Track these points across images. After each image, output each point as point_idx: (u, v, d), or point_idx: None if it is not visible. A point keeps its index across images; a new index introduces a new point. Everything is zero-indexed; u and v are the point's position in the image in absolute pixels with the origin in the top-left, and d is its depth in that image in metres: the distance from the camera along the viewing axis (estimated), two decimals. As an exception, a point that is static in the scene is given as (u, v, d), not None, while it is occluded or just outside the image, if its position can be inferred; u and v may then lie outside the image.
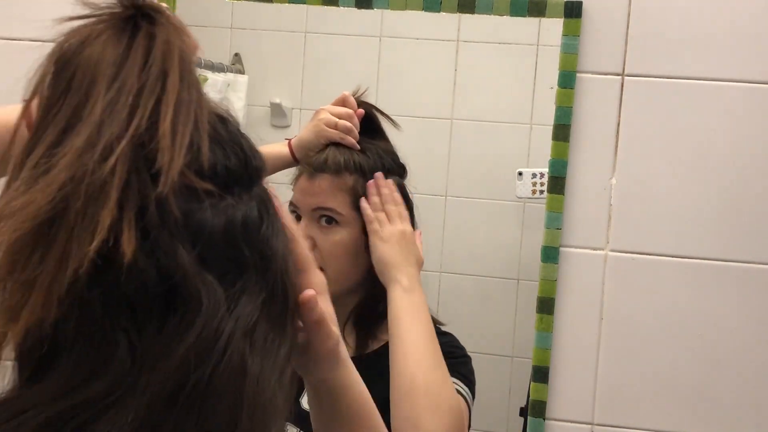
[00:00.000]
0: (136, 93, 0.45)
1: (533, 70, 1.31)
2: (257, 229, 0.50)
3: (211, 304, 0.45)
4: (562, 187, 1.24)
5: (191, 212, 0.46)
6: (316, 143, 1.16)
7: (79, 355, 0.45)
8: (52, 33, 0.51)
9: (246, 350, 0.47)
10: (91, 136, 0.44)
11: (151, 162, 0.44)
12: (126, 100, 0.45)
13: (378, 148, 1.17)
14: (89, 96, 0.45)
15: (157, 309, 0.45)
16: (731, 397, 1.24)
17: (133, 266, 0.43)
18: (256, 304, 0.48)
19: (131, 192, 0.43)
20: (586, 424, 1.27)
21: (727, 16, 1.20)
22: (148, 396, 0.44)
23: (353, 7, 1.27)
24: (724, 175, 1.22)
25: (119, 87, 0.45)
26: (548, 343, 1.26)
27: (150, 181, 0.44)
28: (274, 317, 0.51)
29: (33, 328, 0.44)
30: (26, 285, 0.43)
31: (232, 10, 1.33)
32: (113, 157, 0.43)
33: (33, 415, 0.43)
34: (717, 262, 1.23)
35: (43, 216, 0.43)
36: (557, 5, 1.22)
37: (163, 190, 0.44)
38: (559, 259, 1.25)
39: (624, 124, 1.23)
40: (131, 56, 0.46)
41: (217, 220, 0.47)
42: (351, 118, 1.16)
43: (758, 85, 1.21)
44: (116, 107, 0.44)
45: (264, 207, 0.51)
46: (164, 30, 0.48)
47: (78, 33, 0.49)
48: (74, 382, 0.44)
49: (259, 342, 0.48)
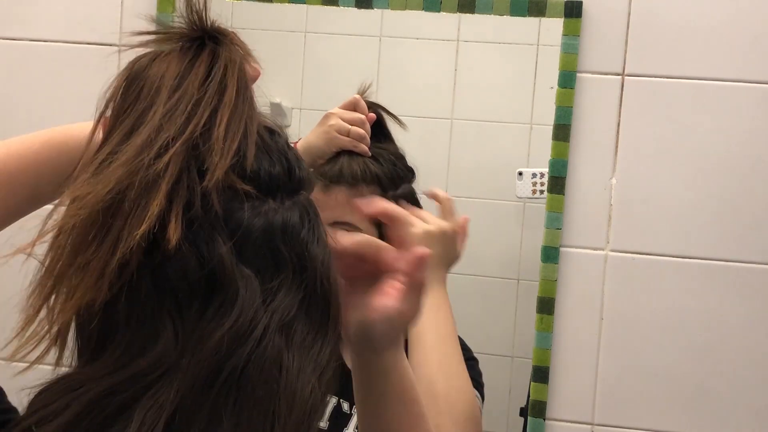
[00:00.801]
0: (194, 102, 0.50)
1: (533, 70, 1.31)
2: (297, 233, 0.53)
3: (247, 294, 0.49)
4: (562, 187, 1.24)
5: (232, 210, 0.50)
6: (327, 151, 1.12)
7: (129, 335, 0.49)
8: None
9: (282, 345, 0.50)
10: (150, 137, 0.49)
11: (201, 162, 0.49)
12: (185, 108, 0.50)
13: (389, 154, 1.14)
14: (153, 103, 0.50)
15: (198, 295, 0.49)
16: (731, 397, 1.24)
17: (176, 253, 0.47)
18: (293, 302, 0.52)
19: (181, 187, 0.48)
20: (586, 424, 1.27)
21: (727, 16, 1.20)
22: (189, 378, 0.47)
23: (353, 7, 1.27)
24: (724, 175, 1.22)
25: (180, 96, 0.50)
26: (548, 343, 1.26)
27: (198, 178, 0.49)
28: (314, 318, 0.54)
29: (86, 308, 0.47)
30: (83, 268, 0.47)
31: (232, 10, 1.33)
32: (167, 155, 0.48)
33: (86, 390, 0.47)
34: (717, 262, 1.23)
35: (102, 204, 0.47)
36: (557, 5, 1.22)
37: (207, 186, 0.48)
38: (559, 259, 1.25)
39: (624, 124, 1.23)
40: (194, 70, 0.51)
41: (257, 220, 0.51)
42: (363, 124, 1.11)
43: (758, 85, 1.21)
44: (175, 113, 0.50)
45: (306, 215, 0.55)
46: (228, 49, 0.53)
47: (148, 53, 0.54)
48: (124, 360, 0.48)
49: (298, 340, 0.51)
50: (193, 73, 0.51)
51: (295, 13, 1.32)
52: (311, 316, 0.54)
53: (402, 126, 1.18)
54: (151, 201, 0.47)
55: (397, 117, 1.18)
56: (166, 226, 0.47)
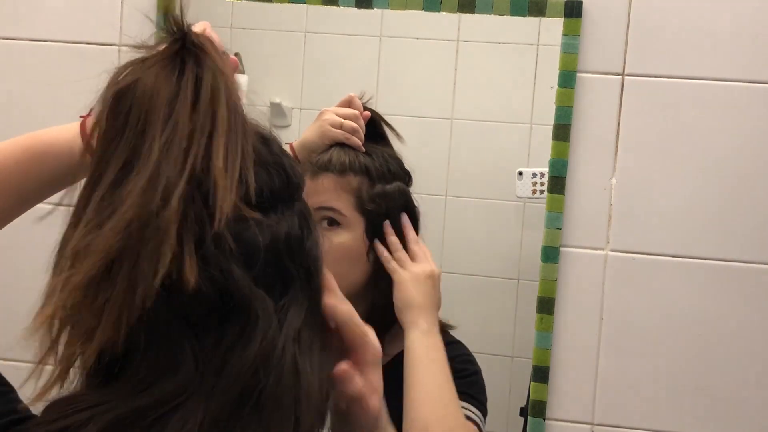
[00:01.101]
0: (189, 133, 0.49)
1: (533, 70, 1.31)
2: (300, 243, 0.54)
3: (265, 317, 0.50)
4: (562, 187, 1.24)
5: (241, 234, 0.50)
6: (320, 144, 1.14)
7: (149, 360, 0.50)
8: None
9: (296, 353, 0.52)
10: (152, 178, 0.48)
11: (205, 196, 0.49)
12: (180, 141, 0.49)
13: (384, 152, 1.16)
14: (145, 135, 0.49)
15: (215, 320, 0.50)
16: (731, 397, 1.24)
17: (197, 291, 0.48)
18: (301, 312, 0.53)
19: (189, 226, 0.48)
20: (586, 424, 1.27)
21: (728, 16, 1.20)
22: (217, 401, 0.48)
23: (353, 7, 1.27)
24: (725, 175, 1.22)
25: (173, 127, 0.49)
26: (548, 343, 1.26)
27: (206, 214, 0.49)
28: (316, 319, 0.56)
29: (106, 347, 0.48)
30: (98, 311, 0.48)
31: (232, 10, 1.33)
32: (174, 199, 0.48)
33: (105, 409, 0.48)
34: (717, 262, 1.23)
35: (113, 254, 0.47)
36: (557, 5, 1.22)
37: (218, 225, 0.49)
38: (559, 259, 1.25)
39: (624, 124, 1.23)
40: (181, 94, 0.50)
41: (263, 238, 0.51)
42: (357, 119, 1.14)
43: (758, 85, 1.21)
44: (172, 148, 0.49)
45: (304, 220, 0.56)
46: (209, 63, 0.52)
47: (130, 68, 0.53)
48: (145, 384, 0.49)
49: (306, 344, 0.53)
50: (181, 97, 0.50)
51: (295, 13, 1.32)
52: (315, 318, 0.55)
53: (399, 138, 1.19)
54: (164, 245, 0.47)
55: (394, 128, 1.19)
56: (182, 268, 0.47)
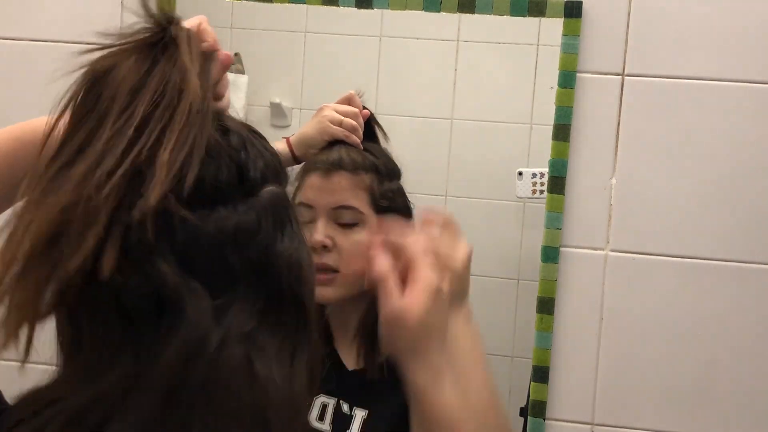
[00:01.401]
0: (140, 124, 0.49)
1: (533, 70, 1.31)
2: (251, 237, 0.52)
3: (195, 309, 0.49)
4: (562, 187, 1.24)
5: (169, 226, 0.49)
6: (319, 140, 1.14)
7: (95, 348, 0.50)
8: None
9: (247, 355, 0.50)
10: (94, 164, 0.48)
11: (142, 189, 0.48)
12: (130, 132, 0.49)
13: (382, 150, 1.17)
14: (104, 121, 0.49)
15: (150, 314, 0.49)
16: (731, 397, 1.24)
17: (115, 280, 0.47)
18: (251, 312, 0.51)
19: (121, 216, 0.48)
20: (586, 424, 1.27)
21: (727, 16, 1.20)
22: (151, 395, 0.48)
23: (353, 7, 1.27)
24: (724, 175, 1.22)
25: (127, 118, 0.49)
26: (548, 343, 1.26)
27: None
28: (285, 322, 0.53)
29: (36, 323, 0.48)
30: (23, 288, 0.48)
31: (232, 10, 1.33)
32: (108, 187, 0.47)
33: (63, 406, 0.48)
34: (717, 262, 1.23)
35: (44, 235, 0.47)
36: (557, 5, 1.22)
37: (137, 216, 0.48)
38: (559, 259, 1.25)
39: (624, 124, 1.23)
40: (148, 84, 0.50)
41: (205, 231, 0.50)
42: (356, 117, 1.14)
43: (758, 85, 1.21)
44: (120, 138, 0.49)
45: (268, 214, 0.53)
46: (180, 62, 0.51)
47: (110, 55, 0.52)
48: (93, 373, 0.49)
49: (270, 349, 0.51)
50: (146, 88, 0.50)
51: (295, 13, 1.32)
52: (280, 321, 0.53)
53: (386, 139, 1.19)
54: (90, 232, 0.47)
55: (382, 128, 1.20)
56: (101, 256, 0.47)
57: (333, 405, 1.09)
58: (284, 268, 0.53)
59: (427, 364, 0.64)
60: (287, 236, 0.54)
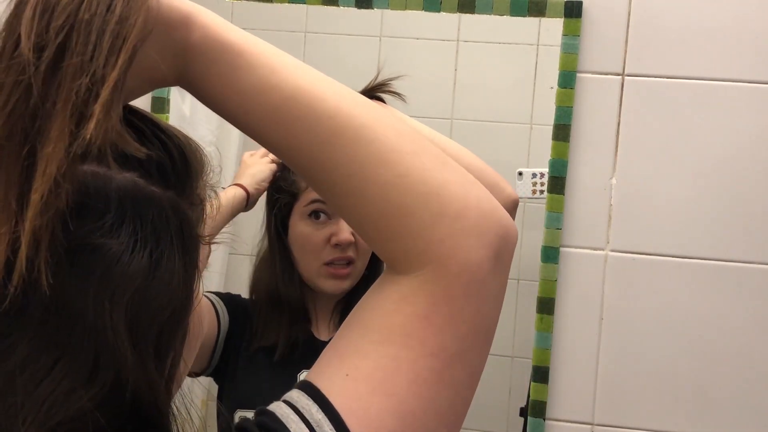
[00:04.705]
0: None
1: (533, 70, 1.31)
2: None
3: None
4: (562, 187, 1.24)
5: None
6: (268, 172, 1.21)
7: None
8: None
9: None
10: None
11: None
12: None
13: None
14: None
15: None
16: (731, 397, 1.24)
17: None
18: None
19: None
20: (586, 424, 1.27)
21: (727, 16, 1.20)
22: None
23: (353, 7, 1.27)
24: (724, 175, 1.22)
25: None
26: (548, 343, 1.26)
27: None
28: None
29: None
30: None
31: (232, 10, 1.33)
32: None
33: None
34: (717, 262, 1.23)
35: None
36: (557, 5, 1.22)
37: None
38: (559, 259, 1.25)
39: (624, 124, 1.23)
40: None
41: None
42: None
43: (758, 85, 1.21)
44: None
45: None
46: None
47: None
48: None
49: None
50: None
51: (295, 13, 1.32)
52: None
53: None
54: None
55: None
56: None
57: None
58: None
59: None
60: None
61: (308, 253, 1.17)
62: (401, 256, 0.52)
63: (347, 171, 0.52)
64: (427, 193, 0.52)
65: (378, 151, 0.52)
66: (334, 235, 1.14)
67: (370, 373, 0.50)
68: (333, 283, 1.17)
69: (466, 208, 0.52)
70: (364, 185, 0.52)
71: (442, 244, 0.51)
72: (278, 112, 0.51)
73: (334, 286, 1.17)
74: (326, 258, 1.16)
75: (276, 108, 0.51)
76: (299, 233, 1.17)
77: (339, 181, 0.52)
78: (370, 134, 0.52)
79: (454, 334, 0.52)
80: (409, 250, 0.52)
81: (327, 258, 1.16)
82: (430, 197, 0.51)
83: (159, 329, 0.47)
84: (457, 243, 0.51)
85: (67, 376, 0.44)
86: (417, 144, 0.54)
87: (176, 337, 0.49)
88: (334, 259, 1.16)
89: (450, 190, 0.52)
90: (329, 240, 1.15)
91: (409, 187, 0.52)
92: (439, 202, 0.51)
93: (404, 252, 0.52)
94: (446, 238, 0.51)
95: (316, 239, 1.16)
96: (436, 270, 0.51)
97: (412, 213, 0.51)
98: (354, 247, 1.15)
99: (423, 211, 0.51)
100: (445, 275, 0.51)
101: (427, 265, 0.51)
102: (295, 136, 0.52)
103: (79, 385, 0.45)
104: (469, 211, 0.52)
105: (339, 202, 0.54)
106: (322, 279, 1.17)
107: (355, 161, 0.51)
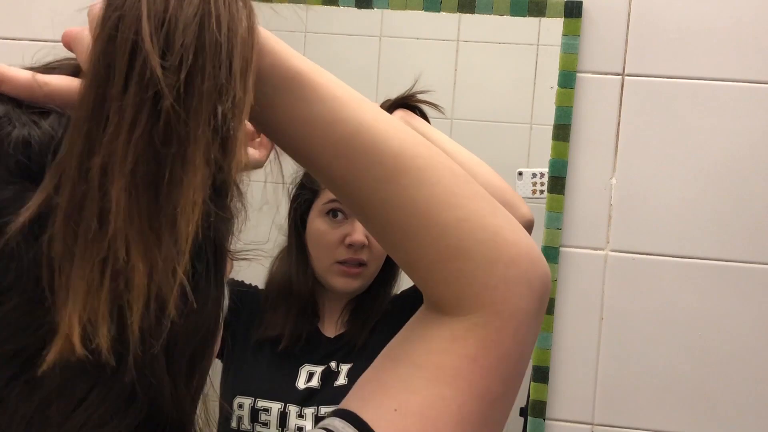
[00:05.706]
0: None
1: (533, 70, 1.31)
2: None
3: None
4: (562, 187, 1.24)
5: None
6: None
7: None
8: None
9: None
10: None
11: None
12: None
13: None
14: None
15: None
16: (731, 397, 1.24)
17: None
18: None
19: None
20: (586, 424, 1.27)
21: (727, 16, 1.21)
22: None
23: (353, 7, 1.27)
24: (724, 175, 1.22)
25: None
26: (548, 343, 1.26)
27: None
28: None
29: None
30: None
31: (232, 10, 1.33)
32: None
33: None
34: (717, 262, 1.23)
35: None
36: (557, 5, 1.22)
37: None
38: (559, 259, 1.25)
39: (624, 124, 1.23)
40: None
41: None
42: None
43: (758, 85, 1.21)
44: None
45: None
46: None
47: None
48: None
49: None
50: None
51: (295, 13, 1.32)
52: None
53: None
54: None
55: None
56: None
57: (322, 369, 1.18)
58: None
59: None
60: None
61: (322, 250, 1.19)
62: (452, 299, 0.52)
63: (409, 211, 0.51)
64: (485, 239, 0.52)
65: (441, 194, 0.52)
66: (349, 236, 1.16)
67: (419, 410, 0.50)
68: (343, 281, 1.19)
69: (518, 255, 0.52)
70: (425, 227, 0.52)
71: (495, 290, 0.51)
72: (341, 146, 0.51)
73: (344, 283, 1.19)
74: (339, 257, 1.18)
75: (339, 141, 0.51)
76: (316, 229, 1.20)
77: (397, 221, 0.52)
78: (433, 176, 0.52)
79: (500, 378, 0.52)
80: (462, 293, 0.52)
81: (340, 257, 1.18)
82: (487, 243, 0.52)
83: (192, 352, 0.47)
84: (510, 289, 0.52)
85: (102, 404, 0.43)
86: (472, 187, 0.54)
87: (205, 356, 0.49)
88: (347, 259, 1.18)
89: (504, 236, 0.53)
90: (343, 239, 1.17)
91: (469, 232, 0.52)
92: (496, 248, 0.52)
93: (456, 295, 0.52)
94: (500, 284, 0.52)
95: (331, 237, 1.18)
96: (488, 315, 0.52)
97: (470, 258, 0.51)
98: (368, 250, 1.17)
99: (480, 257, 0.51)
100: (497, 320, 0.52)
101: (480, 309, 0.52)
102: (356, 171, 0.51)
103: (114, 414, 0.43)
104: (521, 258, 0.52)
105: (392, 240, 0.54)
106: (333, 276, 1.19)
107: (417, 202, 0.51)
